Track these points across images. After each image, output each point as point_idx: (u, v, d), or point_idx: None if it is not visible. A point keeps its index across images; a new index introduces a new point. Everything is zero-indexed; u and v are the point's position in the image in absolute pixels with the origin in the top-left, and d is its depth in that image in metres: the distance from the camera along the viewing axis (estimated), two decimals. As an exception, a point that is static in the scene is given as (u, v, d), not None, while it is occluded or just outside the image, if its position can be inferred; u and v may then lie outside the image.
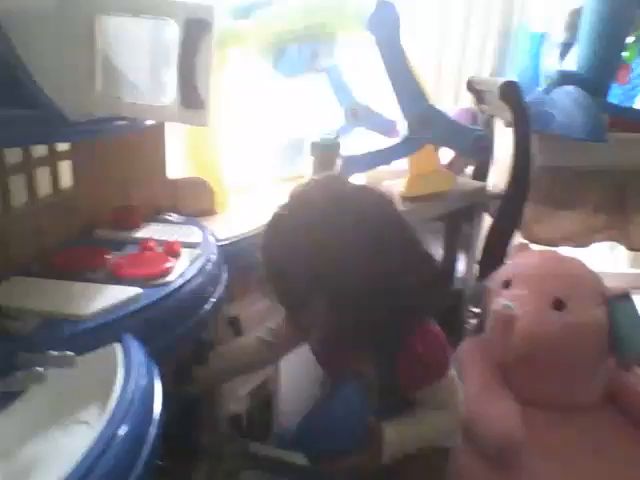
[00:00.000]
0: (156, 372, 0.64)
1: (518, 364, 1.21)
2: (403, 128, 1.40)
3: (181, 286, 0.75)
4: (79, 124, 0.67)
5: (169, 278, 0.77)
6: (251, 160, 1.44)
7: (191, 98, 0.65)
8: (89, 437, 0.49)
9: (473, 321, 1.67)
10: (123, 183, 0.99)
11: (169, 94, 0.65)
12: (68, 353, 0.58)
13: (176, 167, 1.14)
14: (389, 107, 1.57)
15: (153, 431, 0.55)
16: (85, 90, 0.62)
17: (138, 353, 0.63)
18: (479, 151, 1.50)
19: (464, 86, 1.92)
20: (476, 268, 1.67)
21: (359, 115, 1.63)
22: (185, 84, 0.64)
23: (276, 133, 1.53)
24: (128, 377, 0.57)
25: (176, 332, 0.72)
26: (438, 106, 1.44)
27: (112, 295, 0.70)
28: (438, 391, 0.82)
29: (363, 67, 1.71)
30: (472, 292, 1.56)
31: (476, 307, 1.55)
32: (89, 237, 0.92)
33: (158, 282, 0.75)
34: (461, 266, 1.80)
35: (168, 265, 0.79)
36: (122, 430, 0.50)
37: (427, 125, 1.40)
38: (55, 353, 0.58)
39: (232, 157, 1.31)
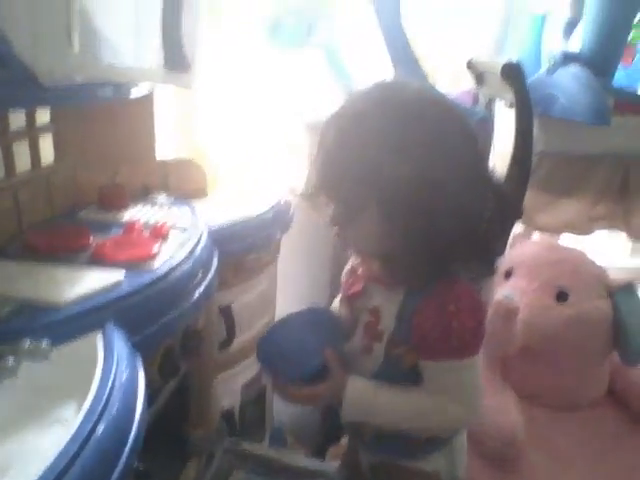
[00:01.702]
0: (140, 364, 0.59)
1: (518, 357, 1.17)
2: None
3: (168, 271, 0.70)
4: (56, 89, 0.61)
5: (155, 263, 0.71)
6: (244, 136, 1.38)
7: (176, 59, 0.59)
8: (64, 437, 0.44)
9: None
10: (109, 161, 0.93)
11: (153, 55, 0.59)
12: (43, 343, 0.53)
13: (167, 147, 1.09)
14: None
15: (135, 429, 0.51)
16: (62, 51, 0.56)
17: (120, 344, 0.58)
18: (481, 133, 1.45)
19: (464, 69, 1.86)
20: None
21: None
22: (169, 44, 0.58)
23: (270, 109, 1.47)
24: (108, 370, 0.52)
25: (162, 320, 0.67)
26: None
27: (94, 280, 0.65)
28: (452, 371, 0.65)
29: (363, 47, 1.65)
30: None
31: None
32: (72, 217, 0.87)
33: (144, 267, 0.70)
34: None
35: (154, 249, 0.73)
36: (100, 429, 0.45)
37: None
38: (28, 343, 0.53)
39: (224, 133, 1.25)
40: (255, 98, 1.38)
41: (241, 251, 0.97)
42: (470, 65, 1.82)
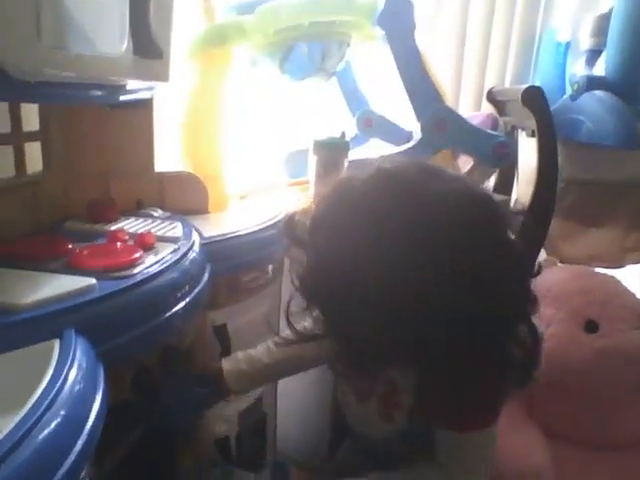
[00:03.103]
0: (100, 376, 0.53)
1: (545, 393, 1.06)
2: (416, 131, 1.30)
3: (145, 280, 0.64)
4: (41, 85, 0.58)
5: (134, 271, 0.66)
6: (254, 165, 1.35)
7: (146, 45, 0.54)
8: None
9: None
10: (102, 173, 0.90)
11: (122, 43, 0.55)
12: (-15, 346, 0.47)
13: (169, 162, 1.05)
14: (406, 118, 1.48)
15: (82, 445, 0.44)
16: (30, 41, 0.52)
17: (80, 353, 0.52)
18: (500, 158, 1.39)
19: (484, 95, 1.82)
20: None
21: (373, 125, 1.54)
22: (138, 28, 0.54)
23: (282, 140, 1.44)
24: (56, 380, 0.46)
25: (135, 332, 0.61)
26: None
27: (60, 285, 0.59)
28: (453, 441, 0.62)
29: (378, 74, 1.62)
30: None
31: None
32: (58, 229, 0.82)
33: (119, 274, 0.64)
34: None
35: (134, 256, 0.68)
36: (23, 450, 0.38)
37: (442, 128, 1.30)
38: (-31, 346, 0.47)
39: (234, 161, 1.21)
40: (265, 119, 1.36)
41: (237, 269, 0.90)
42: (490, 95, 1.78)
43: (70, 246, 0.71)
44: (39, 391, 0.44)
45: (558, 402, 1.06)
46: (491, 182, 1.69)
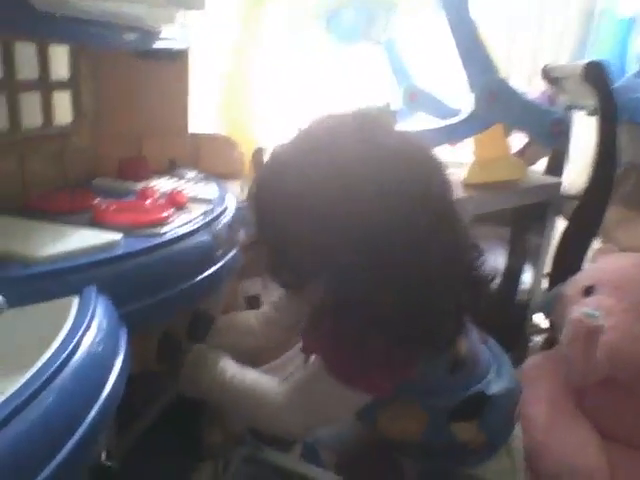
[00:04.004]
0: (122, 341, 0.47)
1: (600, 388, 0.97)
2: (469, 103, 1.21)
3: (174, 239, 0.58)
4: (51, 19, 0.52)
5: (163, 229, 0.60)
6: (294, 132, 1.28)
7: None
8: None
9: (537, 338, 1.44)
10: (133, 130, 0.84)
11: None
12: (-5, 297, 0.42)
13: (206, 124, 0.99)
14: (453, 96, 1.39)
15: (99, 411, 0.38)
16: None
17: (100, 313, 0.46)
18: (556, 136, 1.28)
19: (539, 74, 1.71)
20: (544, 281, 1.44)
21: (418, 99, 1.45)
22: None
23: (325, 107, 1.37)
24: (70, 340, 0.40)
25: (162, 295, 0.55)
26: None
27: (82, 239, 0.54)
28: (310, 369, 0.61)
29: (425, 46, 1.54)
30: (543, 300, 1.32)
31: (547, 318, 1.31)
32: (86, 186, 0.77)
33: (147, 232, 0.59)
34: (527, 277, 1.57)
35: (164, 215, 0.62)
36: (27, 414, 0.33)
37: (496, 101, 1.20)
38: (-24, 296, 0.42)
39: (274, 128, 1.15)
40: (309, 87, 1.29)
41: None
42: (545, 72, 1.67)
43: (97, 201, 0.66)
44: (50, 351, 0.39)
45: (614, 400, 0.97)
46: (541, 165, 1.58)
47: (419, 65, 1.50)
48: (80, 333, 0.41)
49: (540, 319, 1.47)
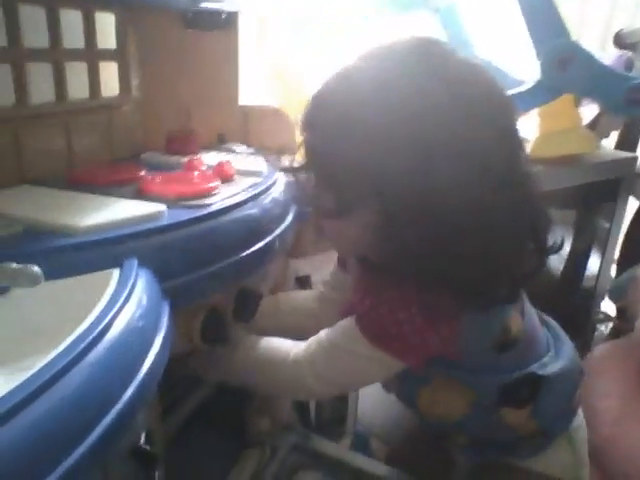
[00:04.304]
0: (164, 317, 0.44)
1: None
2: (536, 70, 1.12)
3: (221, 211, 0.55)
4: None
5: (209, 201, 0.57)
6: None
7: None
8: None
9: (603, 327, 1.35)
10: (182, 102, 0.81)
11: None
12: (31, 268, 0.40)
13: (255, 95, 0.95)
14: (515, 68, 1.30)
15: (129, 402, 0.35)
16: None
17: (141, 286, 0.44)
18: (633, 105, 1.17)
19: (611, 43, 1.58)
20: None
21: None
22: None
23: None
24: (107, 314, 0.38)
25: (207, 269, 0.52)
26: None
27: (125, 210, 0.52)
28: (340, 328, 0.56)
29: (487, 12, 1.44)
30: (613, 285, 1.23)
31: (617, 304, 1.22)
32: (134, 160, 0.75)
33: (192, 203, 0.56)
34: (594, 263, 1.47)
35: (210, 185, 0.59)
36: (58, 389, 0.30)
37: (567, 67, 1.11)
38: (14, 265, 0.40)
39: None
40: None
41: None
42: (618, 38, 1.54)
43: (143, 173, 0.63)
44: (85, 324, 0.36)
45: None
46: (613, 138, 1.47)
47: (480, 33, 1.42)
48: (117, 307, 0.39)
49: (607, 307, 1.37)
